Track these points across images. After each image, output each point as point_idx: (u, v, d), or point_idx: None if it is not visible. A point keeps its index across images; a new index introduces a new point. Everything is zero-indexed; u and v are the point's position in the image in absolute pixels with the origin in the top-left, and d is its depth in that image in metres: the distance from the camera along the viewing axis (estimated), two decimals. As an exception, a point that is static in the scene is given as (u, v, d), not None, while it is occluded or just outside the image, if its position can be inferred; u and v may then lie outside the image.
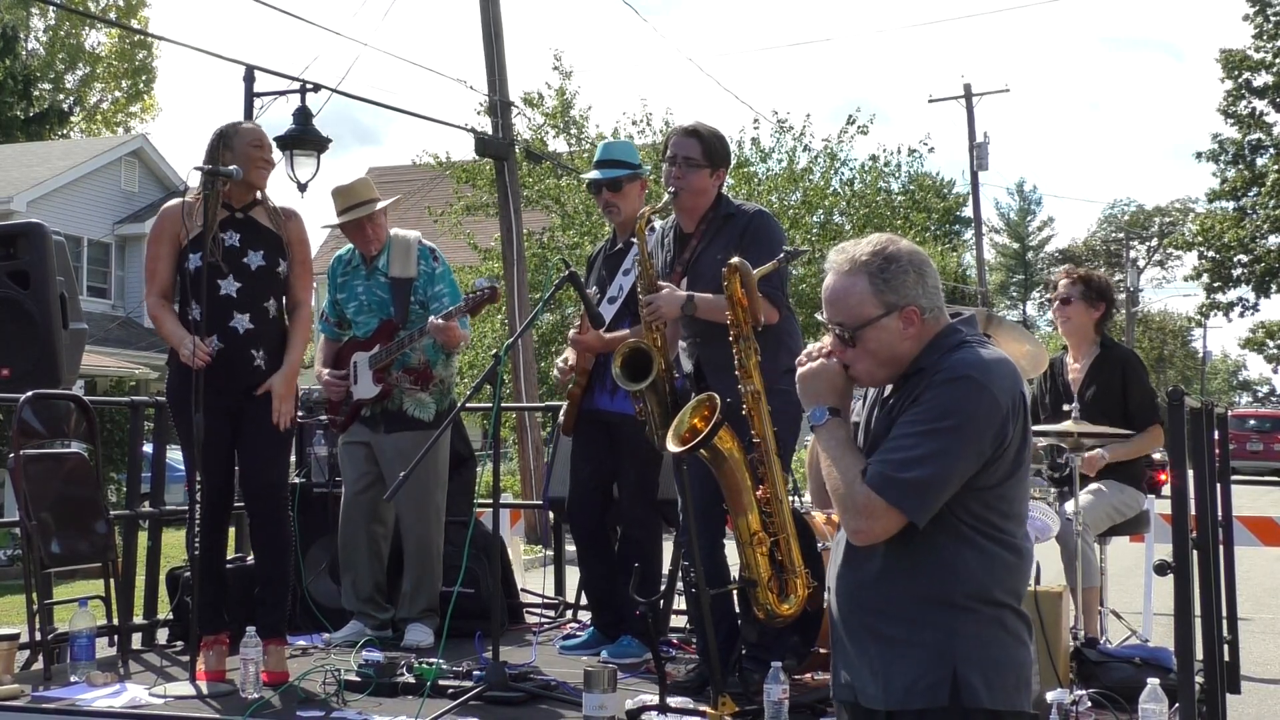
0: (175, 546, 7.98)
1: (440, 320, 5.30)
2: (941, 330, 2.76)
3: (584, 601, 5.84)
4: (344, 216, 5.58)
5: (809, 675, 4.51)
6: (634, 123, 22.90)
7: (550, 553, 6.99)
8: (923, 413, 2.63)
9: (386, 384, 5.52)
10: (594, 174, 5.25)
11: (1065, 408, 5.40)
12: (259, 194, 4.81)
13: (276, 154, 5.11)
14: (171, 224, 4.74)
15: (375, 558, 5.64)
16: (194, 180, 4.70)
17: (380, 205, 5.60)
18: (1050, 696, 3.97)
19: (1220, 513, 5.02)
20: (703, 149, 4.65)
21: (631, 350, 4.68)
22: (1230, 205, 36.48)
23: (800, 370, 2.81)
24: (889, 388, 2.83)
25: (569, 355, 5.24)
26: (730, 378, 4.06)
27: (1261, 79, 35.53)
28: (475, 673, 4.47)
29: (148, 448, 6.88)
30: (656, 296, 4.55)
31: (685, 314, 4.51)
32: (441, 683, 4.39)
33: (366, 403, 5.59)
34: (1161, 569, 4.23)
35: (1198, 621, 4.09)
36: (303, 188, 13.14)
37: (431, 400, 5.59)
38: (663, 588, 5.55)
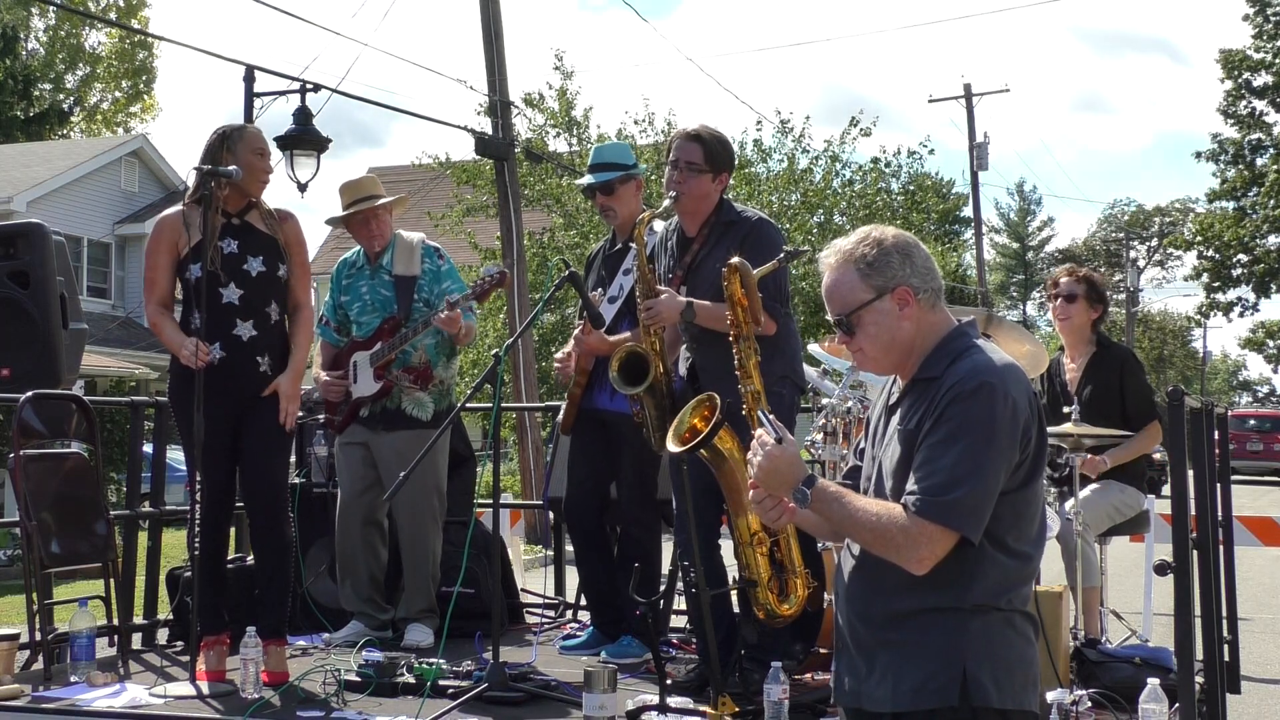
0: (175, 546, 7.98)
1: (445, 312, 5.31)
2: (948, 334, 2.77)
3: (584, 601, 5.84)
4: (350, 210, 5.60)
5: (809, 675, 4.52)
6: (636, 122, 22.94)
7: (550, 553, 6.99)
8: (951, 429, 2.62)
9: (387, 381, 5.52)
10: (587, 179, 5.25)
11: (1065, 410, 5.40)
12: (255, 199, 4.81)
13: (276, 155, 5.14)
14: (170, 233, 4.73)
15: (374, 559, 5.63)
16: (193, 180, 4.70)
17: (385, 200, 5.62)
18: (1050, 696, 3.96)
19: (1220, 513, 5.01)
20: (705, 153, 4.63)
21: (628, 354, 4.67)
22: (1230, 205, 36.48)
23: (755, 474, 2.73)
24: (895, 396, 2.83)
25: (570, 348, 5.23)
26: (725, 384, 4.06)
27: (1261, 79, 35.54)
28: (475, 673, 4.47)
29: (148, 448, 6.88)
30: (656, 302, 4.53)
31: (684, 320, 4.50)
32: (441, 683, 4.39)
33: (365, 402, 5.58)
34: (1161, 569, 4.23)
35: (1198, 621, 4.09)
36: (303, 188, 13.15)
37: (431, 400, 5.59)
38: (663, 588, 5.55)
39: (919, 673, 2.65)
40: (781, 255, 4.44)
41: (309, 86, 13.21)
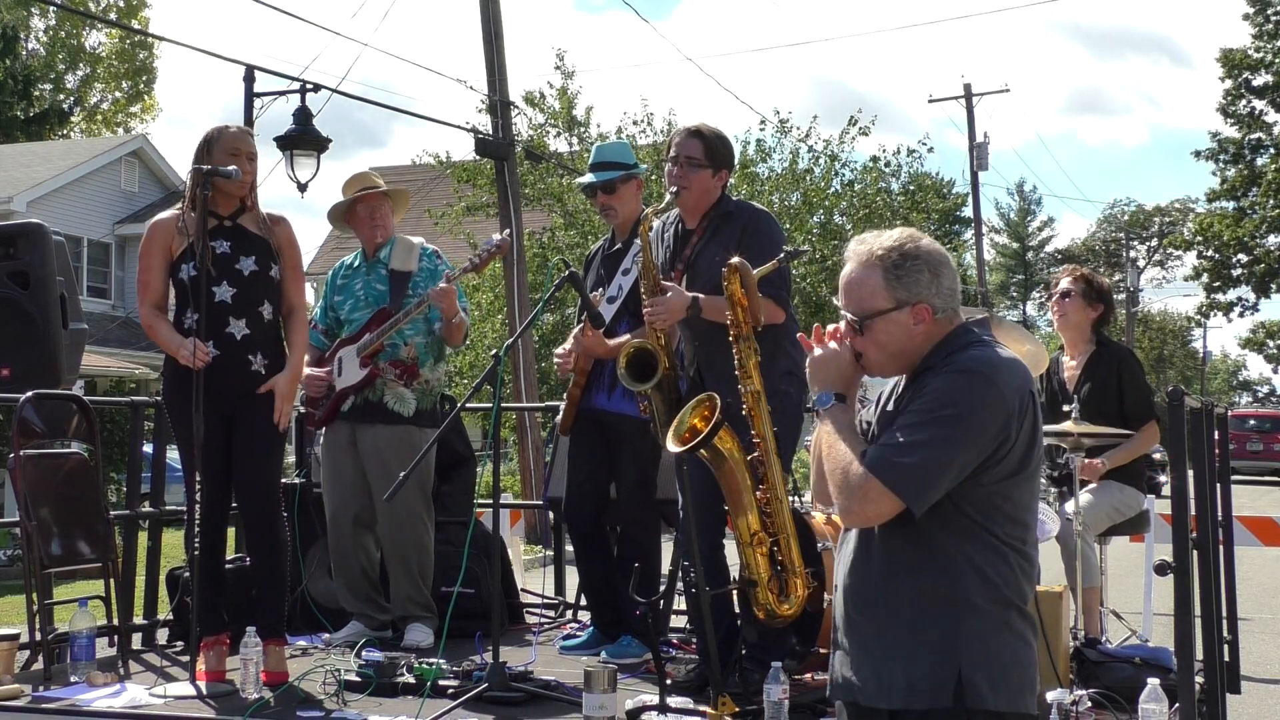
0: (175, 546, 7.97)
1: (443, 283, 5.30)
2: (953, 330, 2.77)
3: (584, 601, 5.84)
4: (357, 194, 5.63)
5: (809, 675, 4.52)
6: (635, 122, 22.94)
7: (550, 553, 6.99)
8: (927, 401, 2.65)
9: (372, 369, 5.49)
10: (588, 177, 5.24)
11: (1065, 409, 5.40)
12: (246, 201, 4.81)
13: (275, 156, 5.16)
14: (163, 235, 4.73)
15: (367, 559, 5.62)
16: (191, 180, 4.70)
17: (390, 188, 5.70)
18: (1050, 696, 3.96)
19: (1220, 513, 5.02)
20: (705, 149, 4.64)
21: (636, 350, 4.67)
22: (1230, 205, 36.50)
23: (812, 355, 2.85)
24: (900, 387, 2.84)
25: (569, 344, 5.22)
26: (728, 385, 4.05)
27: (1261, 78, 35.58)
28: (475, 673, 4.47)
29: (148, 448, 6.88)
30: (662, 299, 4.53)
31: (690, 315, 4.50)
32: (441, 683, 4.39)
33: (350, 392, 5.55)
34: (1161, 569, 4.24)
35: (1198, 621, 4.09)
36: (303, 188, 13.13)
37: (413, 397, 5.56)
38: (663, 588, 5.55)
39: (914, 671, 2.65)
40: (781, 255, 4.44)
41: (309, 86, 13.21)
